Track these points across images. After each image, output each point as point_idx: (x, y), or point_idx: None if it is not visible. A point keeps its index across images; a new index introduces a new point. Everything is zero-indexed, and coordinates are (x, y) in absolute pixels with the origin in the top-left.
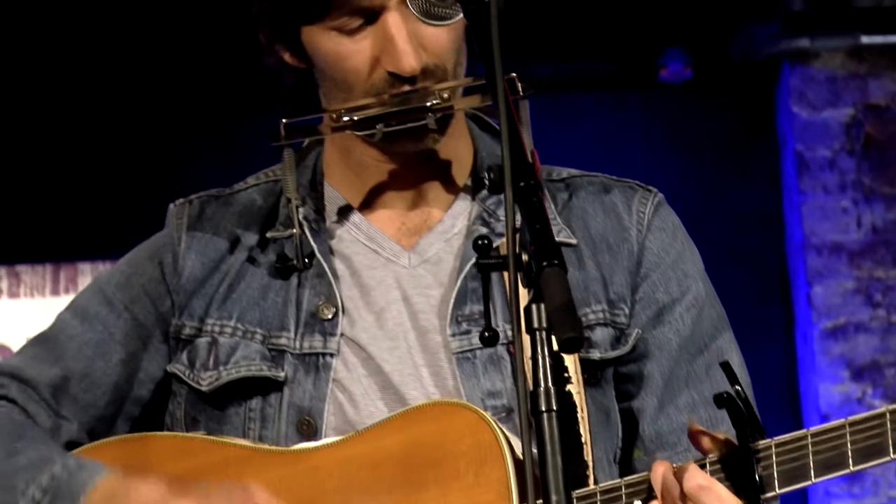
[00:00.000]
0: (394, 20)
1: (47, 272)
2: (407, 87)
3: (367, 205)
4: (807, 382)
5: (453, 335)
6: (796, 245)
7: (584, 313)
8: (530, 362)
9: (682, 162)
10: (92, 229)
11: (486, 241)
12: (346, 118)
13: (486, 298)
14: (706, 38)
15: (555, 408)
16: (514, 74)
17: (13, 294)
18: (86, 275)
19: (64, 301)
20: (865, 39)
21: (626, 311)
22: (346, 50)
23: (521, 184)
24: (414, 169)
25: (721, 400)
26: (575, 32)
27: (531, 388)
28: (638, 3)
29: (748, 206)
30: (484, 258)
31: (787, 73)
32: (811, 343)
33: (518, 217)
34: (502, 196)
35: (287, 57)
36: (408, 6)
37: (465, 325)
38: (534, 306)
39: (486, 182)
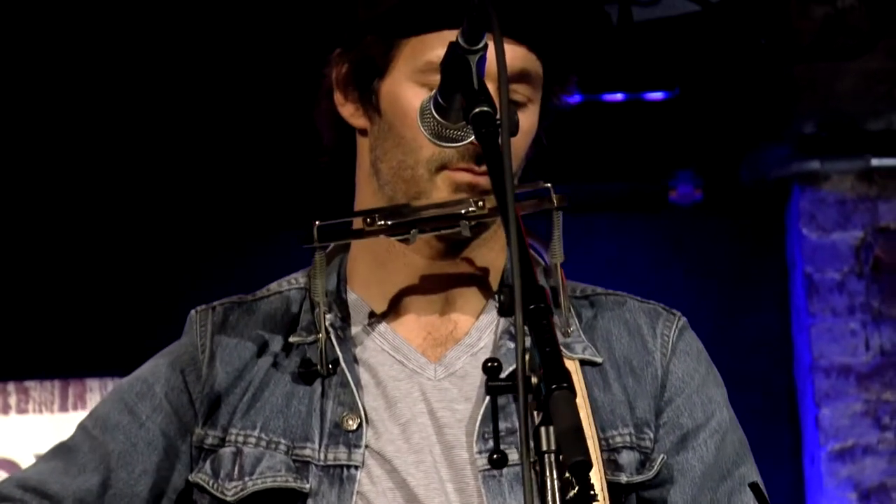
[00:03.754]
0: None
1: (56, 388)
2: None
3: (393, 314)
4: None
5: (479, 452)
6: (804, 367)
7: (610, 435)
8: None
9: (691, 284)
10: (101, 347)
11: (495, 364)
12: (380, 222)
13: (495, 421)
14: (716, 160)
15: None
16: (549, 185)
17: (22, 410)
18: (94, 391)
19: (72, 417)
20: (876, 162)
21: (651, 435)
22: None
23: (532, 307)
24: (443, 278)
25: None
26: (584, 153)
27: None
28: (648, 124)
29: (757, 328)
30: (493, 381)
31: (798, 195)
32: (819, 465)
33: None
34: None
35: (349, 110)
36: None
37: (491, 443)
38: (542, 429)
39: (497, 305)
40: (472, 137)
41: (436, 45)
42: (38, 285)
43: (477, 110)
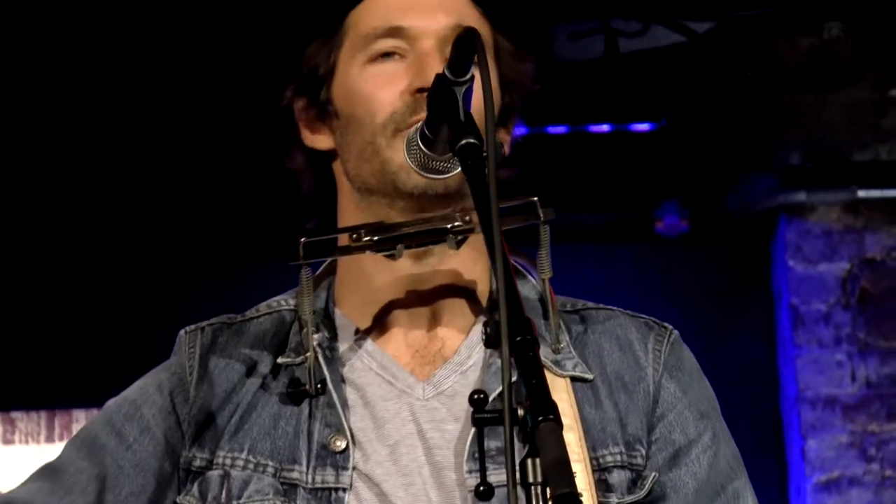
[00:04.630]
0: (429, 44)
1: (42, 419)
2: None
3: (381, 333)
4: None
5: (470, 472)
6: (790, 398)
7: (601, 455)
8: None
9: (677, 315)
10: (87, 377)
11: (481, 396)
12: (366, 238)
13: (482, 452)
14: (702, 191)
15: None
16: (535, 198)
17: (8, 441)
18: (80, 422)
19: (59, 448)
20: (862, 193)
21: (643, 452)
22: (377, 73)
23: (518, 338)
24: (429, 292)
25: None
26: (570, 184)
27: None
28: (634, 155)
29: (743, 359)
30: (479, 412)
31: (784, 226)
32: (804, 496)
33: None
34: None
35: (316, 138)
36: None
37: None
38: (529, 461)
39: (483, 337)
40: (459, 169)
41: (364, 18)
42: (24, 316)
43: (463, 142)
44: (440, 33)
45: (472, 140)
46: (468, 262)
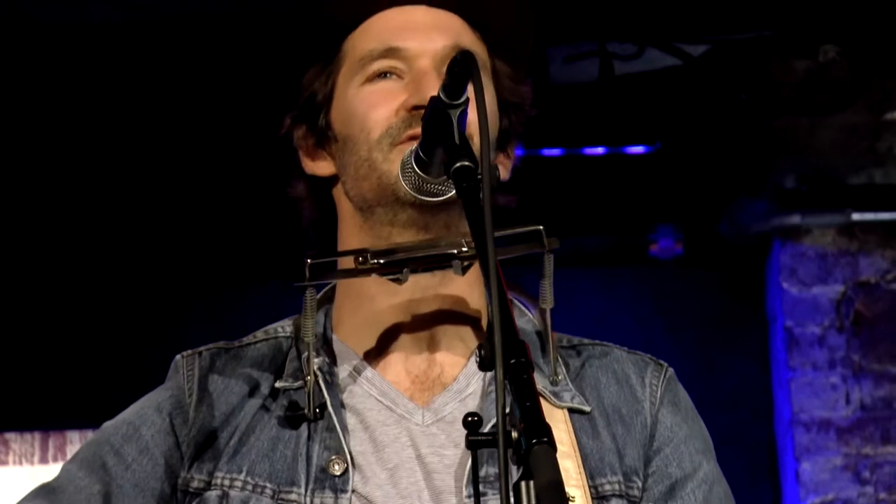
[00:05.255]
0: (425, 63)
1: (36, 440)
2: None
3: (380, 359)
4: None
5: (468, 497)
6: (784, 421)
7: (599, 483)
8: None
9: (672, 338)
10: (81, 398)
11: (476, 418)
12: (372, 261)
13: (476, 476)
14: (697, 214)
15: None
16: (541, 227)
17: (1, 462)
18: (74, 443)
19: (53, 469)
20: (856, 216)
21: (640, 484)
22: (373, 94)
23: (512, 361)
24: (428, 317)
25: None
26: (565, 207)
27: None
28: (629, 178)
29: (737, 382)
30: (473, 435)
31: (778, 249)
32: None
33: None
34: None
35: (316, 164)
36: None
37: (480, 488)
38: (523, 484)
39: (477, 359)
40: (454, 192)
41: (360, 41)
42: (18, 337)
43: (458, 165)
44: (437, 54)
45: (466, 163)
46: (468, 288)
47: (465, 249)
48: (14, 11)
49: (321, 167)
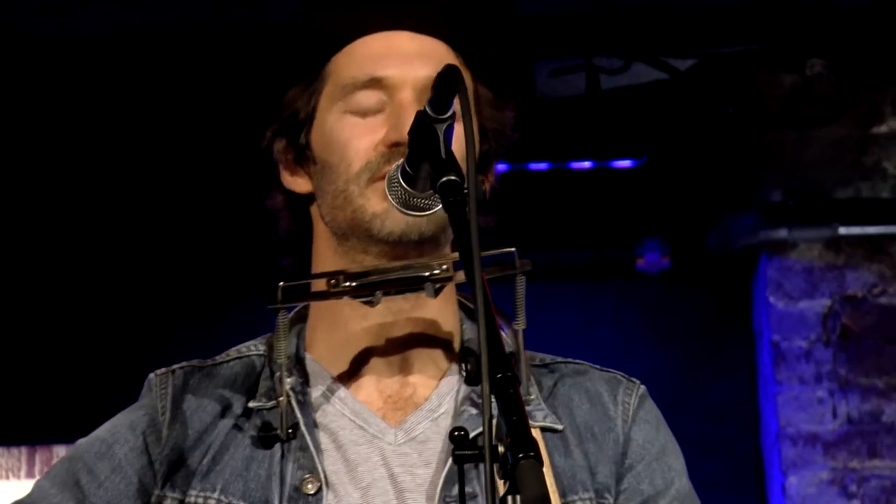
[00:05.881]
0: (407, 96)
1: (23, 455)
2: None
3: (353, 379)
4: None
5: None
6: (771, 435)
7: (571, 500)
8: None
9: (658, 351)
10: (68, 413)
11: (462, 433)
12: (345, 283)
13: (462, 490)
14: (684, 228)
15: None
16: (513, 249)
17: None
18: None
19: None
20: (843, 230)
21: (612, 500)
22: (355, 126)
23: (499, 375)
24: (400, 340)
25: None
26: (552, 221)
27: None
28: (615, 192)
29: (723, 396)
30: (460, 449)
31: (765, 263)
32: None
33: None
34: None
35: (294, 180)
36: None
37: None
38: (509, 498)
39: (464, 373)
40: (440, 206)
41: (344, 66)
42: (4, 352)
43: (444, 179)
44: (419, 83)
45: (453, 177)
46: (441, 311)
47: (437, 272)
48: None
49: (299, 184)
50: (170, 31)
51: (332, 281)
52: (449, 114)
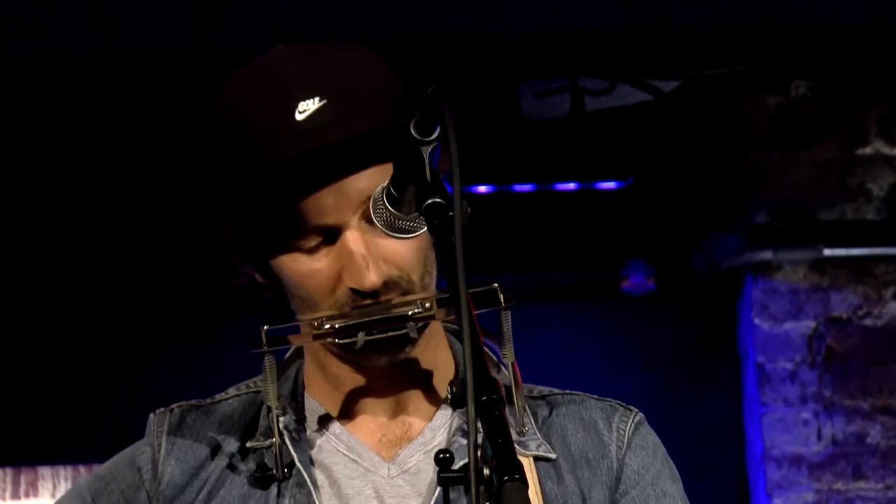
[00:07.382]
0: (353, 238)
1: (8, 476)
2: (370, 301)
3: (348, 416)
4: None
5: None
6: (756, 457)
7: None
8: None
9: (643, 373)
10: (53, 435)
11: (447, 455)
12: (327, 325)
13: None
14: (669, 249)
15: None
16: (496, 285)
17: None
18: (46, 479)
19: None
20: (828, 252)
21: None
22: (307, 269)
23: (484, 398)
24: (392, 381)
25: None
26: (537, 242)
27: None
28: (600, 214)
29: (708, 417)
30: (445, 472)
31: (750, 285)
32: None
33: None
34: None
35: (258, 277)
36: (367, 222)
37: None
38: None
39: (449, 396)
40: (425, 229)
41: (299, 215)
42: None
43: (429, 202)
44: (361, 209)
45: (438, 199)
46: (430, 350)
47: (418, 311)
48: None
49: (264, 280)
50: (153, 52)
51: (315, 323)
52: (434, 136)
